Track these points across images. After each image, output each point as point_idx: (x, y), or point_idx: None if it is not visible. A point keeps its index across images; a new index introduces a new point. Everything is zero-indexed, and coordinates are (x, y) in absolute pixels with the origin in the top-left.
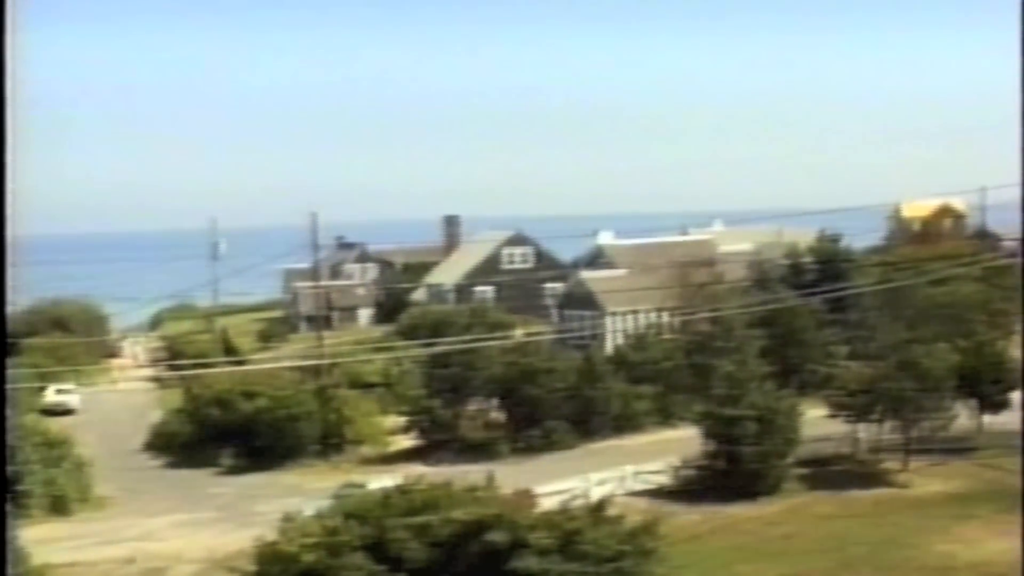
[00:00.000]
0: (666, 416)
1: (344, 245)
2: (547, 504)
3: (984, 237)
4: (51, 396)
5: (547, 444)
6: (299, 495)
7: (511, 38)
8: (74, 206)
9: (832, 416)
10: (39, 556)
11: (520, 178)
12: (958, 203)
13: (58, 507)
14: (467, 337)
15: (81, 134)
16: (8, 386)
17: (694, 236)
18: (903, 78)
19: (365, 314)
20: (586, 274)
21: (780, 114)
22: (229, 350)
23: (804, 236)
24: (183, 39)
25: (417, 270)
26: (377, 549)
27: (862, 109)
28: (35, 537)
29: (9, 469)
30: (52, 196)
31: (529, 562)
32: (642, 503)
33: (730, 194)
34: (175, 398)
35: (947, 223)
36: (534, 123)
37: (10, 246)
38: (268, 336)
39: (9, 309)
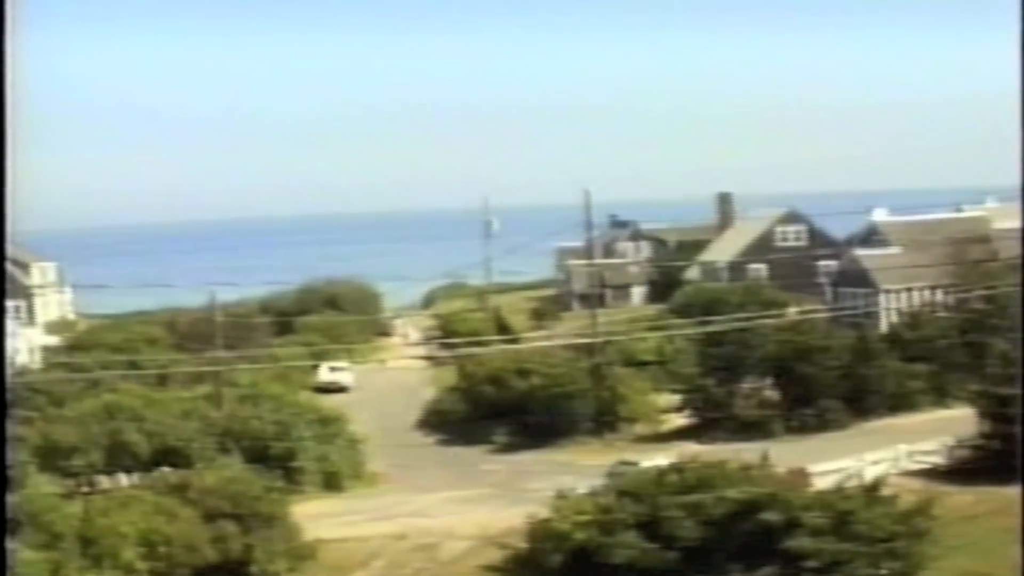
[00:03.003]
0: (941, 395)
1: (617, 223)
2: (821, 484)
3: None
4: (324, 374)
5: (821, 423)
6: (572, 473)
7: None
8: (352, 187)
9: None
10: (312, 531)
11: (793, 155)
12: None
13: (331, 483)
14: (741, 315)
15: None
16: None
17: (968, 213)
18: None
19: (638, 292)
20: (860, 252)
21: None
22: (502, 328)
23: None
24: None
25: (690, 248)
26: (650, 527)
27: None
28: (308, 512)
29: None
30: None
31: (802, 542)
32: (916, 483)
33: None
34: (448, 376)
35: None
36: (808, 104)
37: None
38: (541, 314)
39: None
